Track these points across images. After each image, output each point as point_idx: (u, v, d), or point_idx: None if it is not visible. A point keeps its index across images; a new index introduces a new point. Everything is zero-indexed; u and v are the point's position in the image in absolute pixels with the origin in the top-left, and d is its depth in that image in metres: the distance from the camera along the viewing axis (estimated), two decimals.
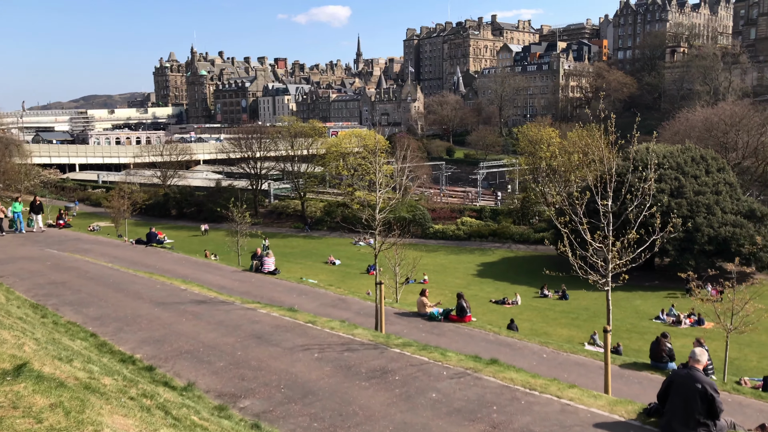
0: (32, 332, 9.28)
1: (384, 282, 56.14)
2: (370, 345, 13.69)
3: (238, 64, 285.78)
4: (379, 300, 16.87)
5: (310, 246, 70.25)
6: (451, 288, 51.24)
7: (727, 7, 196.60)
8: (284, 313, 16.49)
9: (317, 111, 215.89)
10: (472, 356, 12.82)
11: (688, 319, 40.00)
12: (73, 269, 21.90)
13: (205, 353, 13.19)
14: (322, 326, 15.29)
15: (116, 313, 16.36)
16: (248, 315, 16.28)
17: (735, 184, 51.01)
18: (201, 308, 16.94)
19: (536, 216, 71.25)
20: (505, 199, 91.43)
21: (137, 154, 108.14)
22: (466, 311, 19.34)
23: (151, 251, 28.53)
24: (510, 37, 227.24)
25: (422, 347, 13.67)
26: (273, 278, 23.54)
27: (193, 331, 14.78)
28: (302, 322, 15.63)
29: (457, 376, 11.62)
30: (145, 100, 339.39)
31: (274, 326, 15.20)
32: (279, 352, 13.27)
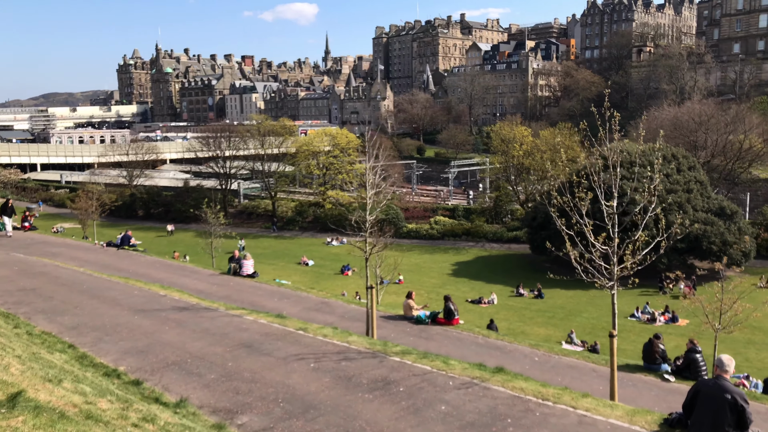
0: (11, 347, 8.58)
1: (361, 282, 55.33)
2: (368, 353, 13.20)
3: (204, 61, 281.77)
4: (370, 305, 16.35)
5: (281, 246, 69.33)
6: (427, 288, 50.97)
7: (690, 7, 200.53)
8: (273, 320, 15.88)
9: (285, 109, 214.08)
10: (476, 364, 12.37)
11: (663, 317, 40.33)
12: (43, 275, 20.88)
13: (194, 364, 12.55)
14: (315, 334, 14.73)
15: (93, 321, 15.54)
16: (235, 322, 15.63)
17: (705, 182, 51.70)
18: (184, 315, 16.23)
19: (509, 215, 71.45)
20: (477, 197, 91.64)
21: (102, 154, 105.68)
22: (453, 314, 18.94)
23: (123, 254, 27.47)
24: (479, 35, 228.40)
25: (423, 355, 13.24)
26: (252, 282, 22.82)
27: (178, 341, 14.10)
28: (293, 330, 15.05)
29: (464, 386, 11.16)
30: (109, 98, 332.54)
31: (263, 334, 14.60)
32: (272, 362, 12.69)
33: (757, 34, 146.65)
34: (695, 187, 49.96)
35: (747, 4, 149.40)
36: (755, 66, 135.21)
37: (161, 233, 75.51)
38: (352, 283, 53.18)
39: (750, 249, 48.65)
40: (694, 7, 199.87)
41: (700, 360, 16.35)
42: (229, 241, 54.44)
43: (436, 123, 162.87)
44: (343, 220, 75.50)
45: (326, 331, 14.95)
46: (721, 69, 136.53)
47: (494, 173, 73.29)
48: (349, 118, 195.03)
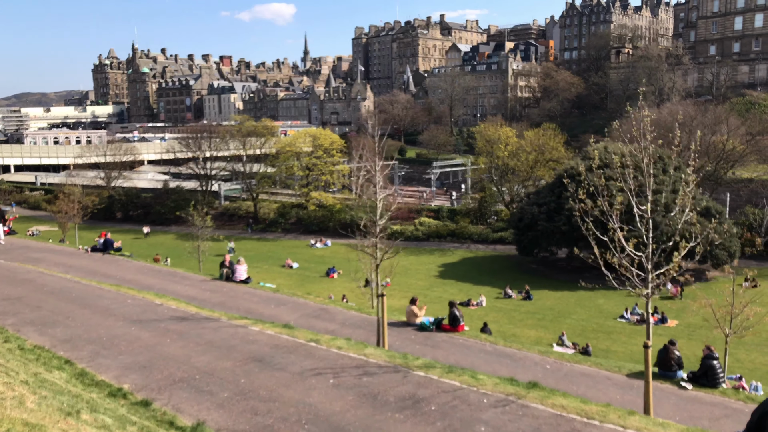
0: (14, 371, 7.92)
1: (347, 285, 54.48)
2: (389, 368, 12.54)
3: (182, 61, 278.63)
4: (381, 315, 15.78)
5: (264, 249, 68.41)
6: (414, 290, 50.45)
7: (667, 10, 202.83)
8: (281, 331, 15.12)
9: (265, 110, 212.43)
10: (507, 379, 11.81)
11: (652, 318, 40.23)
12: (27, 282, 19.97)
13: (204, 381, 11.79)
14: (328, 346, 14.02)
15: (88, 333, 14.68)
16: (240, 333, 14.87)
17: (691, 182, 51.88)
18: (184, 326, 15.45)
19: (493, 216, 71.32)
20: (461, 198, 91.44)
21: (79, 155, 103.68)
22: (459, 320, 18.45)
23: (108, 260, 26.47)
24: (458, 36, 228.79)
25: (448, 369, 12.61)
26: (246, 287, 22.04)
27: (183, 354, 13.33)
28: (304, 341, 14.32)
29: (500, 404, 10.59)
30: (84, 98, 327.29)
31: (273, 346, 13.88)
32: (288, 378, 11.97)
33: (733, 36, 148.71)
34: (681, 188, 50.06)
35: (722, 6, 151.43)
36: (731, 68, 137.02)
37: (139, 235, 74.27)
38: (339, 285, 52.55)
39: (735, 250, 48.95)
40: (671, 10, 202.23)
41: (717, 367, 16.02)
42: (215, 244, 53.33)
43: (417, 124, 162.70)
44: (327, 221, 75.23)
45: (340, 343, 14.27)
46: (698, 70, 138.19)
47: (479, 174, 73.09)
48: (329, 118, 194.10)
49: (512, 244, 62.94)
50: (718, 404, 14.21)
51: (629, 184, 12.54)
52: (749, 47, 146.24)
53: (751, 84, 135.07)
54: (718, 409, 13.91)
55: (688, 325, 39.33)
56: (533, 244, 53.01)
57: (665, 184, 50.61)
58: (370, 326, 17.33)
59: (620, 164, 13.65)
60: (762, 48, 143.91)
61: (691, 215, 12.96)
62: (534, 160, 62.08)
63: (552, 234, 50.51)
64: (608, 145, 55.53)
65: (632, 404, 12.45)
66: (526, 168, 63.17)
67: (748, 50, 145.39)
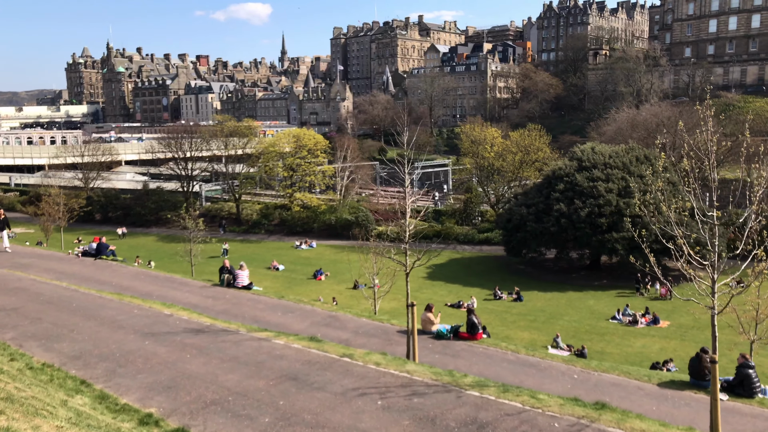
0: (50, 406, 7.21)
1: (335, 287, 53.78)
2: (438, 386, 11.71)
3: (158, 61, 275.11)
4: (412, 326, 15.13)
5: (248, 250, 67.39)
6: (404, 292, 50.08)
7: (642, 12, 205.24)
8: (308, 345, 14.25)
9: (243, 110, 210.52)
10: (571, 399, 11.09)
11: (644, 318, 40.31)
12: (21, 290, 18.97)
13: (239, 404, 10.83)
14: (364, 361, 13.15)
15: (98, 348, 13.67)
16: (264, 348, 13.94)
17: (678, 183, 52.12)
18: (201, 339, 14.49)
19: (479, 216, 71.19)
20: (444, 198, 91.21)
21: (55, 155, 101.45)
22: (477, 328, 17.94)
23: (102, 265, 25.40)
24: (437, 37, 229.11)
25: (503, 388, 11.83)
26: (249, 294, 21.21)
27: (208, 372, 12.37)
28: (336, 356, 13.45)
29: (573, 428, 9.92)
30: (57, 97, 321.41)
31: (304, 362, 13.01)
32: (331, 399, 11.09)
33: (707, 38, 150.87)
34: (668, 188, 50.27)
35: (697, 9, 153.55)
36: (706, 69, 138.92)
37: (115, 237, 72.84)
38: (327, 288, 51.95)
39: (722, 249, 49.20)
40: (646, 12, 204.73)
41: (753, 376, 15.49)
42: (207, 247, 52.12)
43: (396, 124, 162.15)
44: (311, 222, 74.43)
45: (376, 359, 13.43)
46: (674, 72, 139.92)
47: (464, 175, 72.89)
48: (308, 119, 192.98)
49: (499, 245, 62.83)
50: (758, 416, 13.70)
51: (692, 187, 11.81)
52: (723, 50, 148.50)
53: (725, 86, 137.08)
54: (759, 420, 13.41)
55: (680, 325, 39.43)
56: (522, 245, 52.89)
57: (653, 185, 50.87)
58: (384, 334, 16.77)
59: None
60: (736, 50, 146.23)
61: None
62: (520, 160, 62.02)
63: (541, 235, 50.43)
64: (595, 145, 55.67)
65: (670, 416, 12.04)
66: (513, 169, 63.10)
67: (722, 52, 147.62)
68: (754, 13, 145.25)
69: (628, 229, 47.86)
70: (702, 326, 39.37)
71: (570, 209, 48.93)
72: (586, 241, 49.00)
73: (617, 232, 47.51)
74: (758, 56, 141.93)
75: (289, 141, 75.61)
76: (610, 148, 54.02)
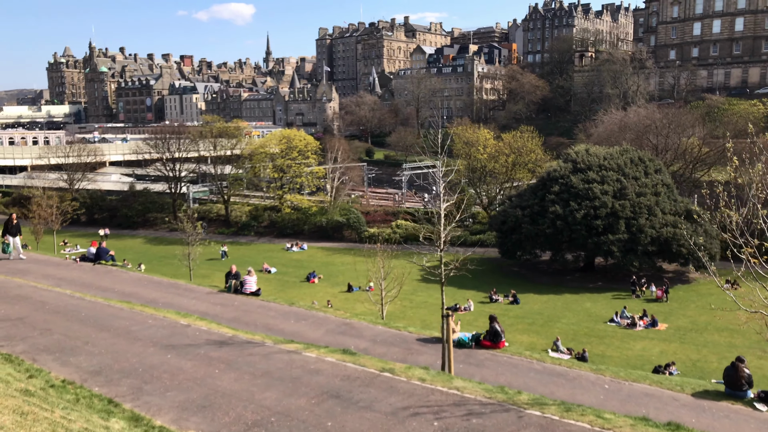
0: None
1: (329, 290, 53.03)
2: (494, 405, 11.04)
3: (142, 61, 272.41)
4: (447, 336, 14.55)
5: (239, 253, 66.63)
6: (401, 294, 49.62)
7: (626, 15, 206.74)
8: (343, 358, 13.47)
9: (228, 110, 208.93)
10: (640, 418, 10.29)
11: (642, 321, 40.20)
12: (23, 299, 18.09)
13: (284, 425, 10.07)
14: (407, 377, 12.43)
15: (118, 363, 12.85)
16: (296, 361, 13.17)
17: (672, 185, 52.29)
18: (228, 353, 13.67)
19: (470, 218, 70.95)
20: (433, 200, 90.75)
21: (40, 156, 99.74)
22: (500, 336, 17.42)
23: (102, 270, 24.47)
24: (422, 39, 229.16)
25: (564, 407, 11.16)
26: (258, 300, 20.47)
27: (242, 389, 11.55)
28: (376, 371, 12.71)
29: None
30: (38, 97, 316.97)
31: (344, 378, 12.27)
32: (382, 420, 10.36)
33: (692, 41, 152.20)
34: (662, 190, 50.45)
35: (682, 12, 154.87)
36: (691, 72, 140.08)
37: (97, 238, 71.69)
38: (320, 290, 51.39)
39: (716, 251, 49.31)
40: (630, 15, 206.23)
41: None
42: (205, 250, 51.18)
43: (384, 125, 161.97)
44: (302, 224, 73.76)
45: (419, 374, 12.71)
46: (659, 74, 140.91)
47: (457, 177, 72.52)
48: (294, 119, 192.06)
49: (491, 247, 62.63)
50: None
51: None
52: (707, 52, 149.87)
53: (709, 88, 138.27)
54: None
55: (678, 328, 39.39)
56: (517, 247, 52.68)
57: (647, 187, 51.02)
58: (404, 343, 16.25)
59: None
60: (720, 53, 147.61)
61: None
62: (513, 162, 61.87)
63: (536, 237, 50.28)
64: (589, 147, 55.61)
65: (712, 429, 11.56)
66: (506, 170, 62.93)
67: (706, 55, 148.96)
68: (737, 16, 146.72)
69: (624, 231, 47.99)
70: (700, 329, 39.38)
71: (565, 211, 48.80)
72: (581, 243, 48.89)
73: (613, 234, 47.47)
74: (741, 59, 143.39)
75: (279, 142, 74.87)
76: (605, 149, 53.98)
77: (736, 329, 38.97)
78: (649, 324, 39.93)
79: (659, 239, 47.67)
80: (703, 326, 39.69)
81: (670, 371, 31.29)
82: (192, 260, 38.60)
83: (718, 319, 40.96)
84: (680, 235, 47.36)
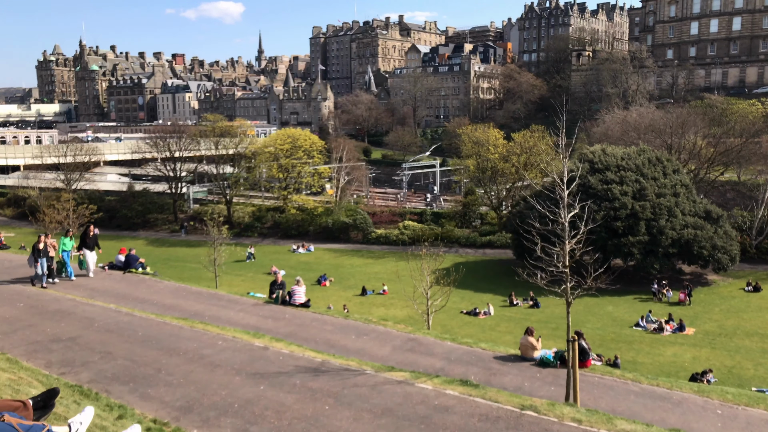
0: None
1: (342, 294, 51.57)
2: None
3: (133, 59, 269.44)
4: (572, 363, 13.31)
5: (243, 255, 65.20)
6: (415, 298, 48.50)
7: (621, 14, 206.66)
8: (467, 391, 11.92)
9: (222, 109, 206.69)
10: None
11: (668, 326, 39.27)
12: (65, 314, 16.51)
13: None
14: (557, 416, 10.92)
15: (207, 396, 11.17)
16: (413, 395, 11.55)
17: (690, 185, 51.49)
18: (327, 383, 12.12)
19: (479, 219, 69.92)
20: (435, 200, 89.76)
21: (35, 155, 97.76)
22: (588, 354, 16.24)
23: (134, 280, 22.78)
24: (417, 37, 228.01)
25: None
26: (309, 312, 19.02)
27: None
28: (516, 409, 11.17)
29: None
30: (27, 95, 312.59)
31: (481, 418, 10.67)
32: None
33: (689, 40, 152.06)
34: (682, 191, 49.61)
35: (679, 11, 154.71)
36: (689, 71, 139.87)
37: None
38: (333, 294, 50.14)
39: (736, 253, 48.61)
40: (625, 14, 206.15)
41: None
42: (231, 253, 49.56)
43: (380, 124, 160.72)
44: (307, 225, 72.42)
45: (570, 413, 11.21)
46: (657, 74, 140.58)
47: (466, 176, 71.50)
48: (288, 118, 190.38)
49: (502, 248, 61.66)
50: None
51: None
52: (705, 52, 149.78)
53: (707, 87, 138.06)
54: None
55: (706, 333, 38.49)
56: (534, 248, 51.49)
57: (666, 188, 50.13)
58: (481, 362, 15.01)
59: None
60: (717, 53, 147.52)
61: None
62: (524, 162, 60.90)
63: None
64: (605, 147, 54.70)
65: None
66: (516, 170, 61.90)
67: (704, 55, 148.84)
68: (734, 15, 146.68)
69: (644, 233, 47.08)
70: (728, 333, 38.51)
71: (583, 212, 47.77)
72: (601, 245, 47.88)
73: (633, 236, 46.57)
74: (739, 58, 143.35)
75: (284, 141, 73.44)
76: (621, 149, 53.09)
77: (767, 334, 38.19)
78: (676, 328, 39.02)
79: (680, 241, 46.81)
80: (731, 331, 38.82)
81: (708, 379, 30.37)
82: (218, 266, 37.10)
83: (746, 323, 40.18)
84: (701, 236, 46.55)
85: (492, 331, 40.10)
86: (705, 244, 46.60)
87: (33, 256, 21.73)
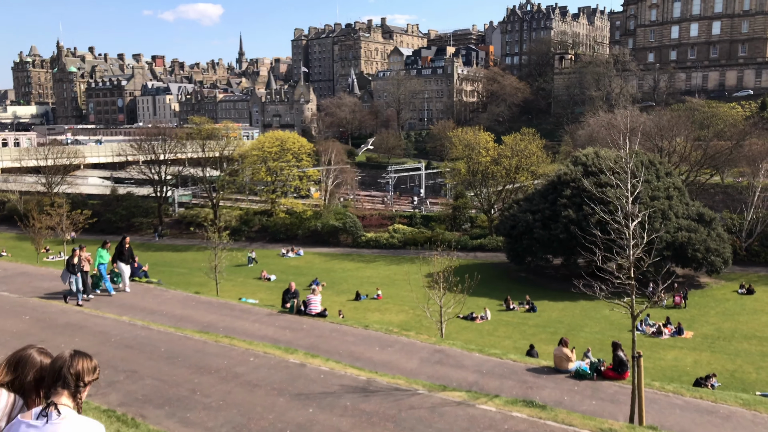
0: None
1: (336, 299, 50.93)
2: None
3: (112, 61, 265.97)
4: (637, 381, 12.65)
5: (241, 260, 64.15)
6: (407, 302, 48.07)
7: (602, 18, 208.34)
8: (535, 413, 11.33)
9: (203, 112, 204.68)
10: None
11: (666, 329, 39.24)
12: (77, 328, 15.64)
13: None
14: None
15: (253, 422, 10.37)
16: (478, 418, 10.82)
17: (683, 188, 51.70)
18: (380, 405, 11.31)
19: (468, 222, 69.69)
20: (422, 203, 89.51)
21: (15, 158, 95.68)
22: (626, 365, 15.77)
23: (140, 289, 21.61)
24: (399, 40, 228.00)
25: None
26: (327, 323, 18.49)
27: None
28: (580, 430, 10.62)
29: None
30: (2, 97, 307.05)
31: None
32: None
33: (670, 44, 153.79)
34: (675, 194, 49.78)
35: (660, 15, 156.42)
36: (671, 75, 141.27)
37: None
38: (327, 299, 48.90)
39: (729, 256, 48.86)
40: (606, 18, 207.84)
41: None
42: (231, 259, 48.45)
43: (364, 127, 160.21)
44: (295, 229, 71.61)
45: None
46: (639, 77, 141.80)
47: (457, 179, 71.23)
48: (271, 121, 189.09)
49: (493, 252, 61.49)
50: None
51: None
52: (685, 55, 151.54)
53: (688, 91, 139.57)
54: None
55: (705, 336, 38.49)
56: (527, 251, 51.55)
57: (660, 190, 50.26)
58: (514, 374, 14.49)
59: None
60: (697, 56, 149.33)
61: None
62: (516, 165, 60.79)
63: (549, 242, 49.17)
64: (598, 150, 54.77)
65: None
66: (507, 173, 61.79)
67: (684, 58, 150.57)
68: (714, 20, 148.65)
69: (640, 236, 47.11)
70: (727, 337, 38.56)
71: (579, 215, 47.73)
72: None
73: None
74: (719, 62, 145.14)
75: (272, 144, 72.60)
76: (614, 152, 53.10)
77: (765, 337, 38.28)
78: (674, 332, 39.00)
79: (674, 243, 46.90)
80: (729, 334, 38.87)
81: (712, 384, 30.26)
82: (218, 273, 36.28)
83: (743, 326, 40.29)
84: (695, 239, 46.70)
85: (490, 336, 39.78)
86: (699, 246, 46.75)
87: (66, 270, 20.58)
